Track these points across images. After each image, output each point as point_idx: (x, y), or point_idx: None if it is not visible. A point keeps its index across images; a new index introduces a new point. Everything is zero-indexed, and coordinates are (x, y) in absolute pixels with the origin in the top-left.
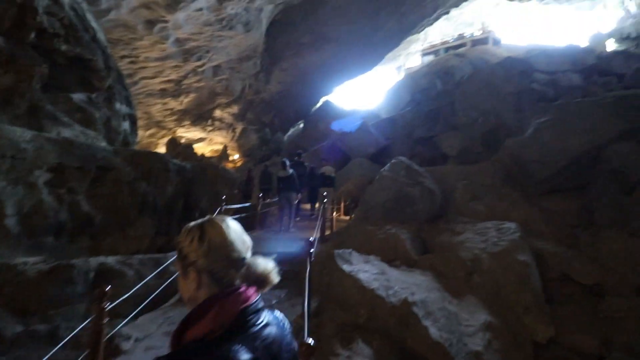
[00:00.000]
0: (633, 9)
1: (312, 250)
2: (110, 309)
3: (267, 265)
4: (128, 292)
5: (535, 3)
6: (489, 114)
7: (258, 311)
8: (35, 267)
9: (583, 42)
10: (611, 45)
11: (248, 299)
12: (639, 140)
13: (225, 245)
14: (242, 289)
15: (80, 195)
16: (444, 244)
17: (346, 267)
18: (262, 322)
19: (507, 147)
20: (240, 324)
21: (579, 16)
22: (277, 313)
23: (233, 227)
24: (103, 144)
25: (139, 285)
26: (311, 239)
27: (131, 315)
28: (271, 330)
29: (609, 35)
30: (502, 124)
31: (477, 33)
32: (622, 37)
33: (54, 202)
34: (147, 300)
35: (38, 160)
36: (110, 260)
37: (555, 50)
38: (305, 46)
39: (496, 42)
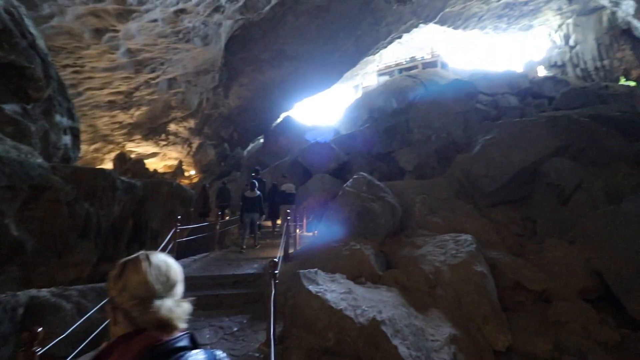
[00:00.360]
0: (558, 40)
1: (276, 271)
2: (43, 352)
3: (172, 311)
4: (66, 330)
5: (477, 32)
6: (440, 131)
7: (174, 351)
8: None
9: (519, 68)
10: (542, 71)
11: (157, 340)
12: (571, 156)
13: (140, 285)
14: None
15: (8, 218)
16: (406, 258)
17: (312, 288)
18: None
19: (458, 163)
20: None
21: (515, 44)
22: (217, 353)
23: (157, 266)
24: (39, 160)
25: (79, 322)
26: (275, 258)
27: (70, 357)
28: None
29: (540, 63)
30: (453, 141)
31: (427, 56)
32: (550, 65)
33: None
34: (89, 338)
35: None
36: (44, 292)
37: (495, 74)
38: (265, 62)
39: (444, 66)
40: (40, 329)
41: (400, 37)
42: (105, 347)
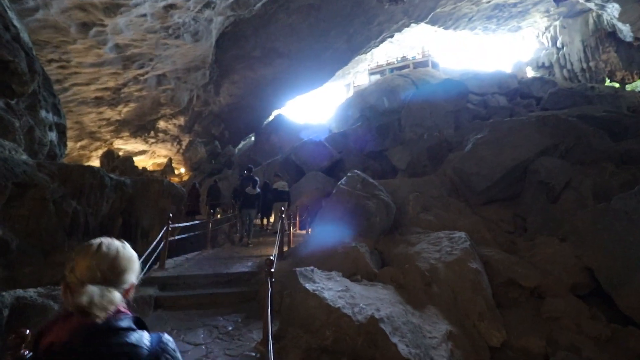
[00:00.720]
0: (546, 42)
1: (272, 269)
2: (31, 356)
3: (92, 299)
4: None
5: (467, 32)
6: (432, 130)
7: (114, 330)
8: None
9: (508, 68)
10: (530, 72)
11: (84, 321)
12: (560, 155)
13: (83, 268)
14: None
15: None
16: (401, 256)
17: (309, 286)
18: (109, 342)
19: (450, 161)
20: (78, 342)
21: (504, 45)
22: (164, 335)
23: (105, 253)
24: (23, 156)
25: None
26: (271, 256)
27: None
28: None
29: (528, 64)
30: (444, 139)
31: (418, 56)
32: (538, 66)
33: None
34: None
35: None
36: (31, 293)
37: (485, 74)
38: (256, 60)
39: (435, 66)
40: (28, 331)
41: (391, 37)
42: (48, 322)
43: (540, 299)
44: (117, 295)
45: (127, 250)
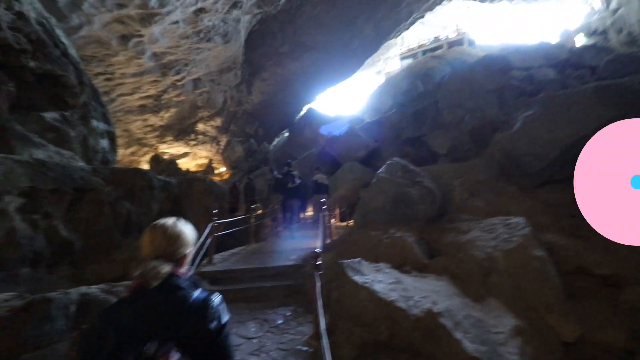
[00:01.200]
0: (597, 5)
1: (318, 262)
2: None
3: (145, 269)
4: None
5: (505, 3)
6: (473, 111)
7: (170, 286)
8: (7, 304)
9: (554, 39)
10: (580, 40)
11: (141, 283)
12: None
13: (145, 245)
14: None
15: (57, 219)
16: (452, 245)
17: (358, 279)
18: (147, 298)
19: (498, 142)
20: (135, 295)
21: (548, 13)
22: (214, 295)
23: (162, 231)
24: (80, 163)
25: None
26: (316, 249)
27: None
28: (150, 305)
29: (578, 31)
30: (488, 120)
31: (452, 35)
32: (589, 32)
33: (28, 229)
34: None
35: (7, 184)
36: (94, 289)
37: (529, 47)
38: (284, 55)
39: (471, 43)
40: None
41: (422, 17)
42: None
43: (615, 287)
44: (165, 267)
45: (177, 227)
